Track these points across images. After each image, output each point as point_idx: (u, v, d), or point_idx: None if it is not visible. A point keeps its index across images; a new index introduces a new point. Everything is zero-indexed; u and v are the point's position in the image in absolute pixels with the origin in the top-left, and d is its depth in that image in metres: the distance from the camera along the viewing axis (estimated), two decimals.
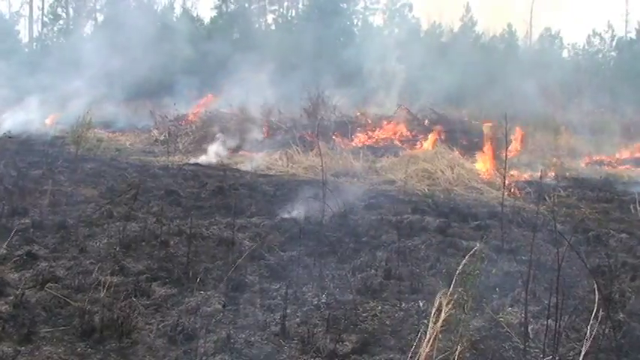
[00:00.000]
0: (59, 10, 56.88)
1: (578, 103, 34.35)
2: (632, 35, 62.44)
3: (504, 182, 10.72)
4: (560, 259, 4.52)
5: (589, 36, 64.95)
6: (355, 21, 62.71)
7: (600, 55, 62.90)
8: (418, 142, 20.88)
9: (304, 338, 5.12)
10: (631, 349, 5.15)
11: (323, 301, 6.09)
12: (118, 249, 7.48)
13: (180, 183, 12.71)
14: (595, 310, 3.95)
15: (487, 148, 16.42)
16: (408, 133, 23.29)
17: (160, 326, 5.27)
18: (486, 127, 16.79)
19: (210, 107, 24.77)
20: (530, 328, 5.37)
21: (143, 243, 7.78)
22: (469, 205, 11.84)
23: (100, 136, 21.25)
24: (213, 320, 5.47)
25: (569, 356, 4.99)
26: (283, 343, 5.12)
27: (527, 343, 4.97)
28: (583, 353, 3.61)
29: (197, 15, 59.66)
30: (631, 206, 12.04)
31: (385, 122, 24.16)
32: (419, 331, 4.60)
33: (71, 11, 57.68)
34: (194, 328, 5.19)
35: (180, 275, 6.51)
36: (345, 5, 57.95)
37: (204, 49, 35.25)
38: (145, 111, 25.64)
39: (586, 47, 64.15)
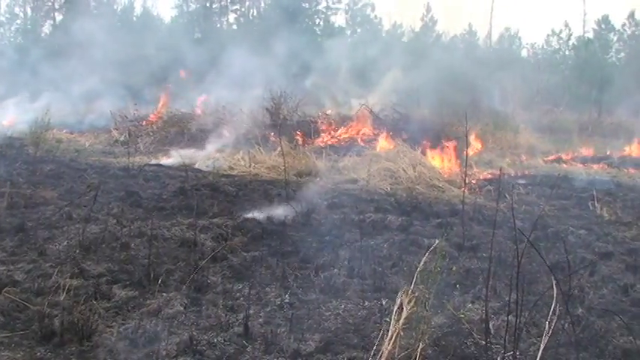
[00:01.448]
0: (16, 9, 55.99)
1: (538, 101, 34.88)
2: (590, 35, 63.59)
3: (465, 180, 10.83)
4: (520, 256, 4.58)
5: (548, 36, 66.08)
6: (317, 21, 62.80)
7: (559, 55, 63.96)
8: (380, 141, 20.95)
9: (267, 338, 5.12)
10: (590, 343, 5.25)
11: (286, 300, 6.09)
12: (77, 251, 7.36)
13: (141, 184, 12.57)
14: (554, 306, 4.01)
15: (449, 146, 16.58)
16: (371, 133, 23.38)
17: (121, 329, 5.21)
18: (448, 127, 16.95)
19: (172, 107, 24.57)
20: (491, 324, 5.44)
21: (103, 245, 7.68)
22: (431, 203, 11.93)
23: (59, 137, 20.90)
24: (175, 322, 5.44)
25: (530, 351, 5.06)
26: (246, 343, 5.10)
27: (488, 339, 5.03)
28: (542, 348, 3.66)
29: (157, 14, 59.06)
30: (589, 203, 12.26)
31: (348, 122, 24.23)
32: (382, 329, 4.62)
33: (29, 11, 56.78)
34: (156, 330, 5.15)
35: (142, 277, 6.45)
36: (307, 5, 58.03)
37: (164, 48, 34.94)
38: (105, 111, 25.28)
39: (545, 47, 65.21)
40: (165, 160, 16.85)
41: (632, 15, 62.07)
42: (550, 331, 3.82)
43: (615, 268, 7.83)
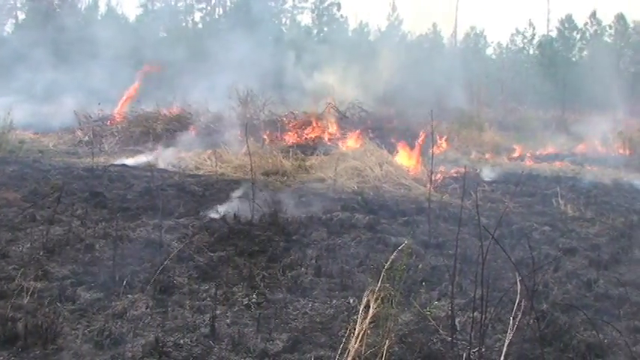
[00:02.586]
0: None
1: (502, 100, 35.26)
2: (553, 34, 64.51)
3: (431, 179, 10.90)
4: (485, 253, 4.61)
5: (512, 35, 66.90)
6: (284, 20, 62.77)
7: (523, 53, 64.77)
8: (348, 140, 20.99)
9: (234, 338, 5.09)
10: (554, 338, 5.32)
11: (253, 300, 6.06)
12: (41, 253, 7.24)
13: (106, 185, 12.41)
14: (518, 302, 4.05)
15: (415, 145, 16.68)
16: (338, 132, 23.41)
17: (86, 331, 5.15)
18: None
19: (137, 107, 24.30)
20: (457, 320, 5.48)
21: (67, 247, 7.57)
22: (397, 201, 11.99)
23: (22, 138, 20.53)
24: (141, 323, 5.37)
25: (496, 347, 5.11)
26: (213, 344, 5.07)
27: (454, 336, 5.07)
28: (507, 343, 3.69)
29: (122, 13, 58.44)
30: (553, 200, 12.42)
31: (315, 121, 24.21)
32: (349, 327, 4.62)
33: None
34: (121, 332, 5.09)
35: (107, 279, 6.36)
36: (273, 4, 57.94)
37: (129, 47, 34.57)
38: (68, 111, 24.92)
39: (509, 46, 65.99)
40: (130, 160, 16.67)
41: (594, 14, 63.15)
42: (515, 327, 3.85)
43: (579, 264, 7.95)
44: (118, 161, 16.63)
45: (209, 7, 66.13)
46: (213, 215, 9.68)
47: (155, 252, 7.32)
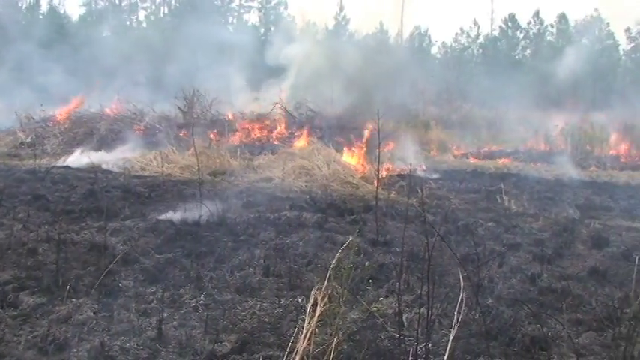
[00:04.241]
0: None
1: (447, 98, 35.71)
2: (497, 33, 65.71)
3: (378, 177, 10.97)
4: (431, 249, 4.66)
5: (456, 34, 67.91)
6: (230, 19, 62.43)
7: (467, 52, 65.78)
8: (295, 140, 21.01)
9: (182, 341, 5.04)
10: (499, 332, 5.40)
11: (201, 302, 6.00)
12: None
13: (49, 187, 12.16)
14: (463, 297, 4.10)
15: (362, 143, 16.78)
16: (285, 131, 23.42)
17: (29, 337, 5.03)
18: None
19: (80, 108, 23.85)
20: (404, 317, 5.53)
21: (9, 251, 7.39)
22: (345, 200, 12.04)
23: None
24: (86, 328, 5.27)
25: (442, 342, 5.16)
26: (160, 347, 5.00)
27: (401, 332, 5.11)
28: (451, 338, 3.74)
29: (65, 12, 57.28)
30: (497, 196, 12.64)
31: (262, 120, 24.17)
32: (297, 326, 4.62)
33: None
34: (66, 337, 4.99)
35: (50, 283, 6.22)
36: (219, 2, 57.58)
37: (72, 47, 33.93)
38: (9, 113, 24.29)
39: (453, 45, 66.95)
40: (73, 162, 16.34)
41: (537, 14, 64.60)
42: (460, 322, 3.90)
43: (523, 259, 8.10)
44: (61, 163, 16.30)
45: (154, 7, 65.36)
46: (160, 217, 9.56)
47: (100, 255, 7.20)
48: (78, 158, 16.68)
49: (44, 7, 57.99)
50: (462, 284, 4.14)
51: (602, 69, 52.51)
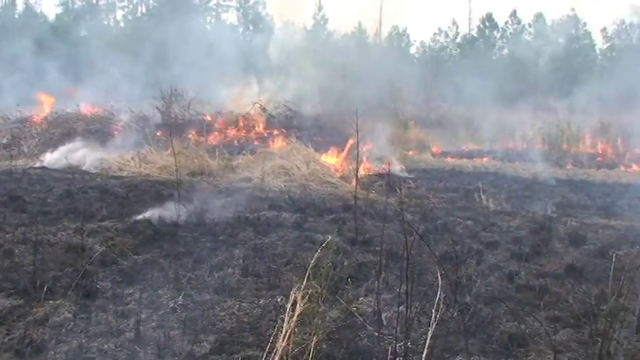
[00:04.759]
0: None
1: (426, 98, 35.86)
2: (475, 33, 66.09)
3: (357, 176, 10.98)
4: (409, 248, 4.67)
5: (434, 34, 68.21)
6: (208, 18, 62.23)
7: (446, 52, 66.06)
8: (274, 139, 20.99)
9: (160, 342, 5.01)
10: (478, 330, 5.44)
11: (179, 302, 5.97)
12: None
13: (25, 188, 12.05)
14: (440, 295, 4.12)
15: (341, 143, 16.82)
16: (264, 131, 23.38)
17: (5, 339, 4.99)
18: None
19: (57, 108, 23.63)
20: (383, 315, 5.54)
21: None
22: (324, 199, 12.04)
23: None
24: (64, 330, 5.23)
25: (421, 340, 5.18)
26: (138, 348, 4.97)
27: (380, 331, 5.12)
28: (430, 336, 3.75)
29: (41, 12, 56.71)
30: (475, 195, 12.71)
31: (241, 120, 24.11)
32: (276, 326, 4.61)
33: None
34: (43, 339, 4.96)
35: (27, 285, 6.16)
36: (197, 2, 57.35)
37: (49, 47, 33.59)
38: None
39: (431, 45, 67.23)
40: (50, 163, 16.19)
41: (514, 13, 65.06)
42: (438, 320, 3.92)
43: (501, 257, 8.15)
44: (38, 163, 16.15)
45: (131, 6, 64.94)
46: (138, 217, 9.49)
47: (77, 256, 7.14)
48: (58, 159, 16.52)
49: (20, 6, 57.43)
50: (440, 282, 4.16)
51: (578, 68, 52.98)
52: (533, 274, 7.35)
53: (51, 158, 16.53)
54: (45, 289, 5.89)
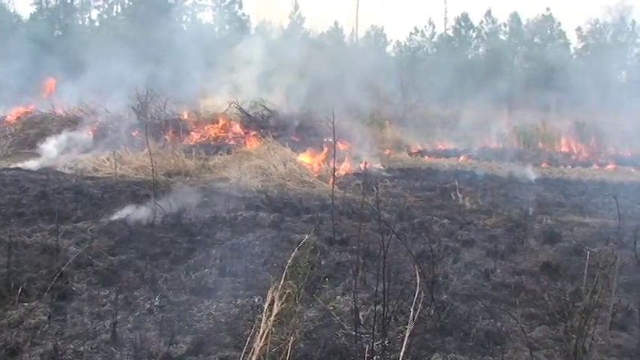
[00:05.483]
0: None
1: (403, 97, 36.00)
2: (450, 32, 66.48)
3: (334, 175, 11.00)
4: (386, 247, 4.69)
5: (410, 34, 68.51)
6: (184, 17, 61.93)
7: (422, 51, 66.37)
8: (251, 139, 20.92)
9: (137, 344, 4.97)
10: (454, 327, 5.46)
11: (156, 303, 5.94)
12: None
13: None
14: (419, 293, 4.13)
15: (318, 142, 16.83)
16: (241, 131, 23.29)
17: None
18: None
19: (31, 108, 23.38)
20: (360, 314, 5.55)
21: None
22: (301, 199, 12.03)
23: None
24: (39, 332, 5.17)
25: (398, 338, 5.21)
26: (115, 350, 4.93)
27: (358, 330, 5.13)
28: (408, 334, 3.76)
29: (14, 11, 56.06)
30: (452, 193, 12.79)
31: (218, 120, 23.99)
32: (254, 326, 4.60)
33: None
34: (17, 342, 4.89)
35: (1, 287, 6.07)
36: (172, 1, 57.04)
37: (23, 47, 33.21)
38: None
39: (407, 44, 67.52)
40: (24, 164, 16.02)
41: (489, 13, 65.52)
42: (416, 318, 3.93)
43: (477, 255, 8.21)
44: (12, 165, 15.97)
45: (106, 5, 64.40)
46: (113, 218, 9.42)
47: (52, 258, 7.06)
48: (29, 159, 16.35)
49: None
50: (417, 281, 4.17)
51: (553, 67, 53.47)
52: (509, 271, 7.41)
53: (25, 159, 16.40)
54: (19, 291, 5.83)
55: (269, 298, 4.16)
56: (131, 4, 58.30)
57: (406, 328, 3.96)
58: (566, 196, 13.95)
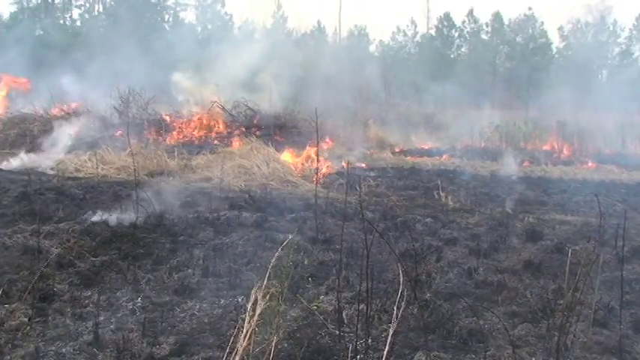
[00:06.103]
0: None
1: (386, 96, 36.10)
2: (433, 32, 66.72)
3: (317, 175, 11.00)
4: (370, 246, 4.69)
5: (393, 33, 68.70)
6: (166, 17, 61.69)
7: (405, 51, 66.57)
8: (234, 139, 20.90)
9: (119, 345, 4.94)
10: (437, 326, 5.48)
11: (138, 304, 5.91)
12: None
13: None
14: (402, 292, 4.14)
15: (301, 142, 16.83)
16: (224, 130, 23.26)
17: None
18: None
19: (12, 108, 23.20)
20: (344, 313, 5.56)
21: None
22: (285, 198, 12.03)
23: None
24: (20, 334, 5.13)
25: (382, 337, 5.21)
26: (97, 351, 4.90)
27: (341, 329, 5.13)
28: (391, 333, 3.77)
29: None
30: (435, 192, 12.83)
31: (200, 119, 23.94)
32: (237, 326, 4.59)
33: None
34: None
35: None
36: (155, 0, 56.80)
37: (4, 46, 32.96)
38: None
39: (390, 44, 67.68)
40: (5, 164, 15.88)
41: (471, 12, 65.82)
42: (399, 317, 3.94)
43: (460, 253, 8.24)
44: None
45: (88, 5, 64.02)
46: (95, 219, 9.36)
47: (33, 259, 7.00)
48: (10, 160, 16.21)
49: None
50: (401, 279, 4.18)
51: (535, 66, 53.83)
52: (491, 270, 7.44)
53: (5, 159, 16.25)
54: (0, 292, 5.78)
55: (252, 298, 4.15)
56: (112, 3, 57.98)
57: (390, 327, 3.96)
58: (548, 194, 14.03)
